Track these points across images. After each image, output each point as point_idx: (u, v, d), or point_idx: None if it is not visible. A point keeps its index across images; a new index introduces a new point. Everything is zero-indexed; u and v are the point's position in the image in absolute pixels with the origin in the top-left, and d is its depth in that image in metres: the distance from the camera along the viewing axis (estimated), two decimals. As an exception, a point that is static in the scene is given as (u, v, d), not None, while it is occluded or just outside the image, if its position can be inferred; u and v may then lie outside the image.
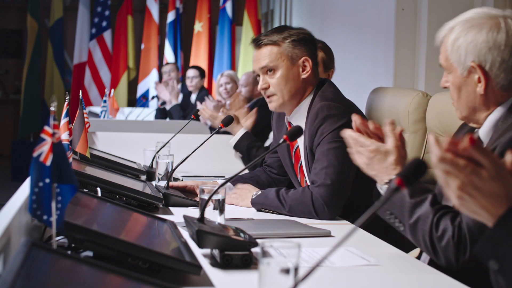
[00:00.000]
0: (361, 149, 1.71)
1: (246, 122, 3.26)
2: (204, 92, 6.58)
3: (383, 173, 1.68)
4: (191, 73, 6.67)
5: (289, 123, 2.45)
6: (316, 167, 2.22)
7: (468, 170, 1.10)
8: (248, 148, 2.97)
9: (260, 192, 2.29)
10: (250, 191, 2.34)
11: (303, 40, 2.36)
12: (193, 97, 6.61)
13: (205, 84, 7.03)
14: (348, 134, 1.74)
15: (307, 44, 2.37)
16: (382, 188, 1.71)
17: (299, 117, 2.38)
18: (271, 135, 3.61)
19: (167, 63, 7.48)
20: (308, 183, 2.33)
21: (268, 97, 2.39)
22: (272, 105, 2.39)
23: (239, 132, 3.02)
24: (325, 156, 2.21)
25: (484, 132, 1.67)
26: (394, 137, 1.70)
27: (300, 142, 2.40)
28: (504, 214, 1.10)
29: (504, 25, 1.61)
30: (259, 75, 2.40)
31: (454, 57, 1.65)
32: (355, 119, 1.74)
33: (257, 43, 2.37)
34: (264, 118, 3.93)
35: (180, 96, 6.54)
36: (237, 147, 3.01)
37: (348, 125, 2.24)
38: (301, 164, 2.44)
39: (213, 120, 3.07)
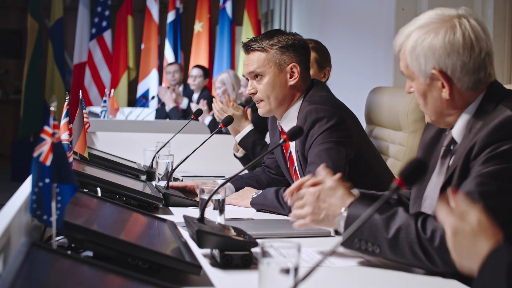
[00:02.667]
0: (301, 201, 1.62)
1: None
2: (206, 92, 6.56)
3: (337, 206, 1.59)
4: (194, 72, 6.66)
5: (281, 127, 2.46)
6: (311, 170, 2.22)
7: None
8: (253, 145, 2.94)
9: (260, 192, 2.29)
10: (250, 191, 2.35)
11: (292, 46, 2.35)
12: (195, 96, 6.60)
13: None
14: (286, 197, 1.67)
15: (297, 50, 2.36)
16: (340, 225, 1.58)
17: (289, 122, 2.38)
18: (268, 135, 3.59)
19: (172, 63, 7.41)
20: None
21: (257, 102, 2.41)
22: (260, 111, 2.41)
23: (246, 128, 2.99)
24: (318, 158, 2.21)
25: (457, 132, 1.64)
26: (331, 176, 1.65)
27: (292, 146, 2.41)
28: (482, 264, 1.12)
29: (459, 26, 1.57)
30: (248, 79, 2.41)
31: (414, 66, 1.61)
32: (286, 193, 1.69)
33: (246, 48, 2.39)
34: (264, 118, 3.92)
35: (185, 101, 6.54)
36: (242, 143, 2.98)
37: (338, 125, 2.25)
38: (295, 168, 2.44)
39: (223, 113, 3.02)
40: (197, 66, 6.89)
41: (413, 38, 1.61)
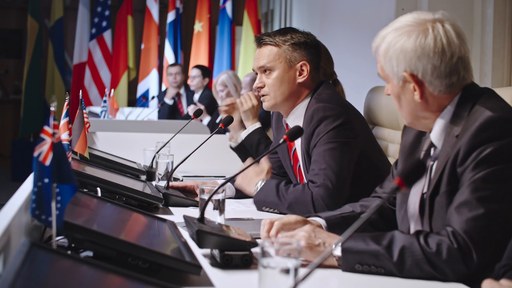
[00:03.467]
0: (296, 238, 1.59)
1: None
2: (207, 92, 6.54)
3: (332, 237, 1.60)
4: (193, 73, 6.66)
5: (286, 125, 2.46)
6: (314, 168, 2.22)
7: None
8: (258, 142, 2.94)
9: (262, 185, 2.29)
10: (257, 175, 2.36)
11: (304, 44, 2.36)
12: (196, 96, 6.60)
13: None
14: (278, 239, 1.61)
15: (309, 49, 2.36)
16: (338, 245, 1.56)
17: (295, 119, 2.39)
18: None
19: (173, 64, 7.39)
20: (307, 183, 2.34)
21: (262, 96, 2.41)
22: (265, 104, 2.41)
23: (253, 125, 2.97)
24: (323, 157, 2.21)
25: (435, 136, 1.63)
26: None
27: (298, 144, 2.41)
28: None
29: (432, 30, 1.57)
30: (257, 73, 2.41)
31: (387, 68, 1.63)
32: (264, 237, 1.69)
33: (259, 41, 2.39)
34: (268, 122, 3.91)
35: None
36: (248, 139, 2.97)
37: (344, 125, 2.25)
38: (299, 165, 2.44)
39: (232, 110, 3.00)
40: (195, 66, 6.89)
41: (387, 40, 1.62)
